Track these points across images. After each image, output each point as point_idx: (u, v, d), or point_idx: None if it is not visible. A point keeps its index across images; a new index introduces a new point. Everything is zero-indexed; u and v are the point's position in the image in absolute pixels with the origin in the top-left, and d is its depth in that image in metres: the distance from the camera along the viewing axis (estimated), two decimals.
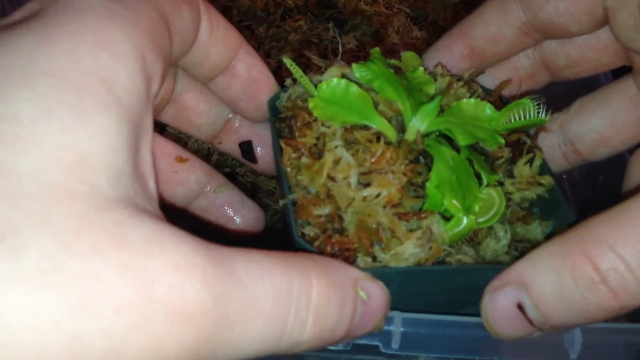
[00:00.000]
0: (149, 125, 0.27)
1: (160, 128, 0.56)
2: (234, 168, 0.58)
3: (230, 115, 0.43)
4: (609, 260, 0.29)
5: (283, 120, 0.40)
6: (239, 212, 0.44)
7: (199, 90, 0.41)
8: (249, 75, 0.40)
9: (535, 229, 0.39)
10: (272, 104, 0.41)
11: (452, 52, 0.44)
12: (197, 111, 0.41)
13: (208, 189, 0.43)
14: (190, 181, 0.42)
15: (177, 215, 0.42)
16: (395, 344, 0.33)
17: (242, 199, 0.44)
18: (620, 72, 0.44)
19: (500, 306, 0.31)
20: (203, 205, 0.43)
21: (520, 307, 0.31)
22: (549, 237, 0.39)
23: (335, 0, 0.75)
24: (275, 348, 0.26)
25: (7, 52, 0.23)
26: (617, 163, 0.47)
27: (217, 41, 0.36)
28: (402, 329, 0.33)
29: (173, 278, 0.22)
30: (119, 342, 0.21)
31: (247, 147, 0.45)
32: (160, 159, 0.40)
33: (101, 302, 0.21)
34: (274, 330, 0.26)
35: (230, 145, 0.45)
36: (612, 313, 0.30)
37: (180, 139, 0.57)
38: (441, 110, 0.40)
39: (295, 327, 0.26)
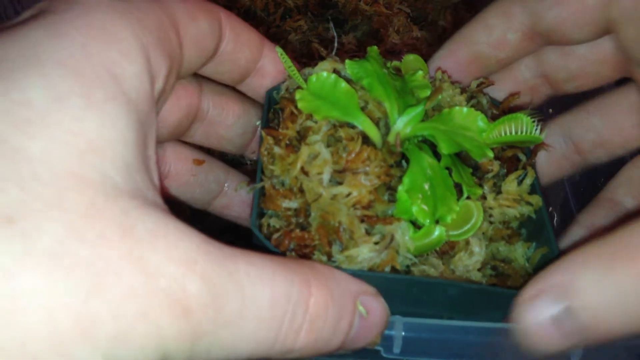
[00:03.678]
0: (153, 122, 0.28)
1: None
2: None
3: (257, 122, 0.43)
4: None
5: (275, 111, 0.40)
6: None
7: (226, 102, 0.41)
8: (277, 71, 0.40)
9: (518, 250, 0.37)
10: (270, 95, 0.41)
11: (457, 58, 0.43)
12: (226, 124, 0.41)
13: (227, 185, 0.43)
14: (209, 181, 0.42)
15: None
16: (396, 349, 0.33)
17: None
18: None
19: (537, 318, 0.28)
20: (224, 203, 0.43)
21: (558, 318, 0.28)
22: (529, 260, 0.37)
23: (335, 0, 0.75)
24: (267, 352, 0.26)
25: (18, 43, 0.24)
26: (618, 165, 0.48)
27: (242, 46, 0.37)
28: (403, 334, 0.33)
29: (176, 271, 0.23)
30: (126, 326, 0.22)
31: None
32: (180, 163, 0.41)
33: (110, 287, 0.21)
34: (267, 334, 0.26)
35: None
36: None
37: None
38: (431, 116, 0.39)
39: (290, 333, 0.27)
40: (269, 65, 0.40)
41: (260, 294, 0.25)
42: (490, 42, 0.42)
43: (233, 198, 0.43)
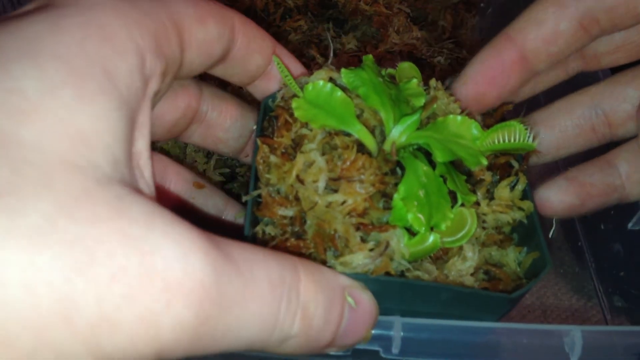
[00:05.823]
0: (145, 121, 0.28)
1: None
2: (233, 168, 0.58)
3: (254, 126, 0.43)
4: None
5: (270, 119, 0.40)
6: None
7: (225, 106, 0.41)
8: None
9: (510, 255, 0.38)
10: (266, 103, 0.41)
11: (502, 59, 0.41)
12: (224, 127, 0.42)
13: (225, 214, 0.44)
14: (208, 207, 0.43)
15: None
16: (395, 349, 0.33)
17: None
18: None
19: None
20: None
21: None
22: (520, 264, 0.38)
23: (335, 0, 0.75)
24: (267, 338, 0.26)
25: (18, 36, 0.24)
26: None
27: (254, 53, 0.37)
28: (402, 334, 0.33)
29: (176, 250, 0.22)
30: (112, 310, 0.21)
31: None
32: (180, 183, 0.41)
33: (98, 267, 0.20)
34: (268, 316, 0.26)
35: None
36: None
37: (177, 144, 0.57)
38: (426, 124, 0.39)
39: (287, 318, 0.26)
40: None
41: (258, 274, 0.25)
42: (542, 35, 0.40)
43: (232, 225, 0.44)
